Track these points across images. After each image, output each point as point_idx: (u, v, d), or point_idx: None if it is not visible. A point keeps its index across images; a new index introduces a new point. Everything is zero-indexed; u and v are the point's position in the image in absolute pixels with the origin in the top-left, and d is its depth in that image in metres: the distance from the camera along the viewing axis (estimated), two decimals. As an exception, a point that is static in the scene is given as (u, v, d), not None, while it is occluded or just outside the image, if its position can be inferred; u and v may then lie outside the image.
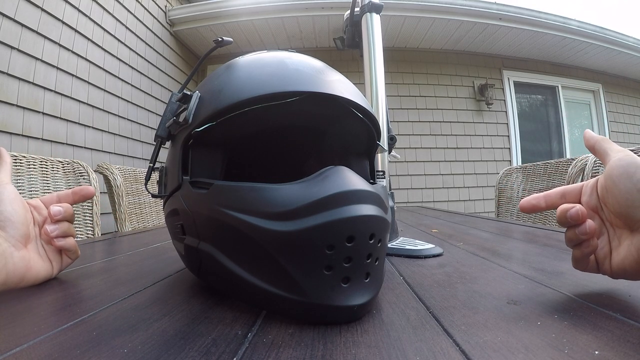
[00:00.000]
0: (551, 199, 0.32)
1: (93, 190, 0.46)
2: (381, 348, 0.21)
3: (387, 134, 0.62)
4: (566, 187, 0.33)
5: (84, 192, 0.45)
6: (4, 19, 1.45)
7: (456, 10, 2.85)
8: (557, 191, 0.33)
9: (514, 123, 3.52)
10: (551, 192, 0.33)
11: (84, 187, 0.45)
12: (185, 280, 0.39)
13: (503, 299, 0.30)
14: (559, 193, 0.32)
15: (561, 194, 0.32)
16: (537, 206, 0.32)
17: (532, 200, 0.33)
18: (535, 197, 0.33)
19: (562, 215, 0.29)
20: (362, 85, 0.64)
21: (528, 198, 0.33)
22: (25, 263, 0.36)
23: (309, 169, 0.42)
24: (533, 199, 0.33)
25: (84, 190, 0.45)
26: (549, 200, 0.32)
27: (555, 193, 0.32)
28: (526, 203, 0.33)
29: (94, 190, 0.46)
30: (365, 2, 0.67)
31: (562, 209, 0.29)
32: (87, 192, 0.45)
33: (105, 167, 1.22)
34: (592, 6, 21.36)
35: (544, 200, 0.32)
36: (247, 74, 0.30)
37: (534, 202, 0.32)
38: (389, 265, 0.47)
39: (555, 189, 0.33)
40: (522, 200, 0.33)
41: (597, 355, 0.19)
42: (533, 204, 0.33)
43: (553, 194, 0.32)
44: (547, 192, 0.33)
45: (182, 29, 2.92)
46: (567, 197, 0.32)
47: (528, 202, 0.33)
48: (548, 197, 0.32)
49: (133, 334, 0.24)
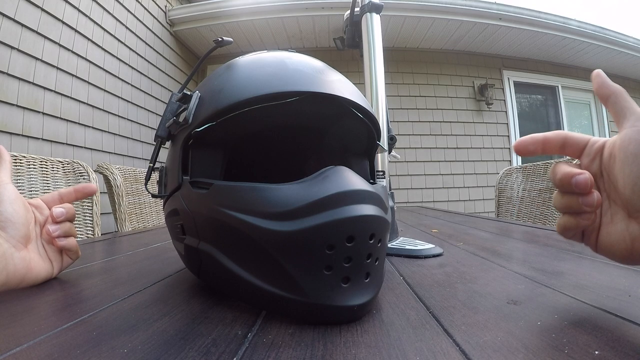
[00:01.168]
0: (550, 145, 0.28)
1: (95, 188, 0.46)
2: (381, 348, 0.21)
3: (387, 134, 0.62)
4: (568, 136, 0.27)
5: (87, 190, 0.45)
6: (4, 19, 1.45)
7: (456, 10, 2.85)
8: (558, 137, 0.27)
9: (514, 123, 3.52)
10: (551, 136, 0.28)
11: (86, 185, 0.45)
12: (185, 280, 0.39)
13: (503, 299, 0.30)
14: (559, 139, 0.27)
15: (562, 143, 0.27)
16: (534, 152, 0.28)
17: (528, 144, 0.28)
18: (533, 141, 0.28)
19: (566, 179, 0.25)
20: (362, 85, 0.64)
21: (524, 139, 0.28)
22: (26, 264, 0.36)
23: (309, 169, 0.42)
24: (530, 143, 0.28)
25: (87, 188, 0.45)
26: (548, 147, 0.28)
27: (556, 138, 0.27)
28: (522, 147, 0.28)
29: (96, 188, 0.46)
30: (365, 2, 0.67)
31: (568, 172, 0.25)
32: (90, 189, 0.45)
33: (105, 167, 1.22)
34: (592, 6, 21.37)
35: (542, 145, 0.28)
36: (247, 74, 0.30)
37: (531, 148, 0.28)
38: (389, 265, 0.47)
39: (557, 132, 0.28)
40: (517, 141, 0.28)
41: (597, 355, 0.19)
42: (530, 149, 0.28)
43: (553, 139, 0.28)
44: (546, 136, 0.28)
45: (182, 29, 2.92)
46: (568, 148, 0.27)
47: (524, 147, 0.28)
48: (547, 142, 0.28)
49: (133, 334, 0.24)
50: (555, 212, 1.22)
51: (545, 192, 1.28)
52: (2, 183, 0.38)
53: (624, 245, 0.24)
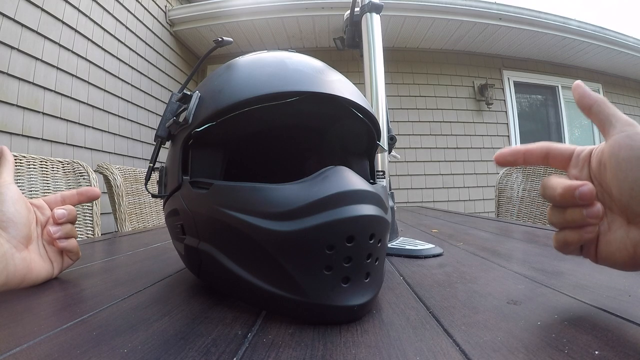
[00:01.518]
0: (532, 157, 0.27)
1: (98, 192, 0.45)
2: (381, 348, 0.21)
3: (387, 134, 0.62)
4: (552, 147, 0.27)
5: (90, 194, 0.44)
6: (4, 19, 1.45)
7: (456, 10, 2.85)
8: (541, 149, 0.27)
9: (514, 123, 3.52)
10: (533, 147, 0.27)
11: (90, 188, 0.45)
12: (185, 280, 0.39)
13: (503, 299, 0.30)
14: (542, 151, 0.27)
15: (544, 154, 0.27)
16: (514, 163, 0.28)
17: (508, 155, 0.27)
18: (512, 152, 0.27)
19: (569, 193, 0.23)
20: (362, 85, 0.64)
21: (504, 151, 0.28)
22: (26, 264, 0.36)
23: (309, 169, 0.42)
24: (509, 154, 0.27)
25: (90, 192, 0.45)
26: (529, 158, 0.27)
27: (539, 150, 0.27)
28: (502, 158, 0.28)
29: (99, 192, 0.46)
30: (365, 2, 0.67)
31: (570, 185, 0.23)
32: (93, 193, 0.45)
33: (105, 167, 1.22)
34: (592, 6, 21.38)
35: (524, 156, 0.27)
36: (247, 74, 0.30)
37: (510, 159, 0.27)
38: (389, 265, 0.47)
39: (540, 143, 0.27)
40: (497, 153, 0.28)
41: (597, 355, 0.19)
42: (509, 160, 0.28)
43: (536, 151, 0.27)
44: (528, 147, 0.27)
45: (182, 29, 2.92)
46: (552, 160, 0.27)
47: (504, 158, 0.28)
48: (529, 153, 0.27)
49: (133, 334, 0.24)
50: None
51: (545, 192, 1.28)
52: (4, 183, 0.37)
53: (625, 252, 0.23)
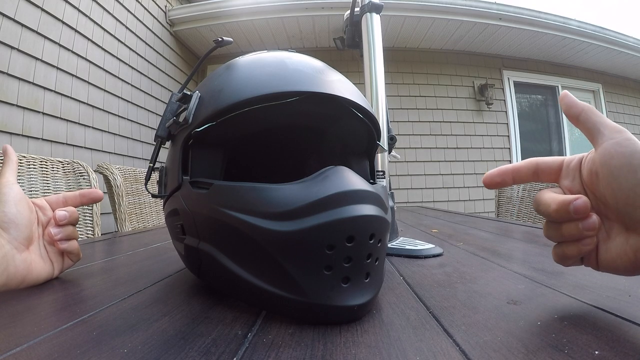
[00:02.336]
0: (521, 175, 0.27)
1: (101, 194, 0.45)
2: (381, 348, 0.21)
3: (387, 134, 0.62)
4: (539, 161, 0.27)
5: (92, 195, 0.44)
6: (4, 19, 1.45)
7: (456, 10, 2.85)
8: (529, 165, 0.27)
9: (514, 123, 3.52)
10: (521, 165, 0.27)
11: (93, 190, 0.45)
12: (185, 280, 0.39)
13: (503, 299, 0.30)
14: (530, 168, 0.27)
15: (533, 170, 0.27)
16: (503, 183, 0.28)
17: (495, 177, 0.27)
18: (501, 173, 0.27)
19: (563, 207, 0.23)
20: (362, 85, 0.64)
21: (491, 173, 0.28)
22: (27, 265, 0.36)
23: (309, 169, 0.42)
24: (497, 176, 0.27)
25: (93, 194, 0.44)
26: (518, 177, 0.27)
27: (527, 167, 0.27)
28: (489, 180, 0.28)
29: (102, 194, 0.45)
30: (365, 2, 0.67)
31: (563, 200, 0.24)
32: (95, 195, 0.44)
33: (105, 167, 1.22)
34: (592, 6, 21.39)
35: (512, 176, 0.27)
36: (247, 74, 0.30)
37: (497, 180, 0.27)
38: (389, 265, 0.47)
39: (527, 161, 0.27)
40: (485, 175, 0.28)
41: (597, 355, 0.19)
42: (497, 181, 0.27)
43: (524, 168, 0.27)
44: (515, 166, 0.27)
45: (182, 29, 2.92)
46: (541, 174, 0.27)
47: (491, 179, 0.27)
48: (517, 172, 0.27)
49: (133, 334, 0.24)
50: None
51: (545, 192, 1.28)
52: (7, 183, 0.37)
53: (626, 258, 0.23)
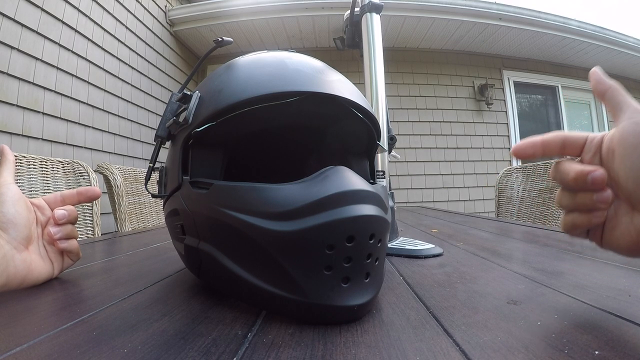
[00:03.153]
0: (550, 147, 0.27)
1: (99, 192, 0.45)
2: (381, 348, 0.21)
3: (387, 134, 0.62)
4: (567, 136, 0.27)
5: (90, 193, 0.44)
6: (4, 19, 1.45)
7: (456, 10, 2.85)
8: (557, 138, 0.27)
9: (514, 123, 3.52)
10: (550, 138, 0.27)
11: (90, 188, 0.44)
12: (185, 280, 0.39)
13: (503, 299, 0.30)
14: (559, 141, 0.27)
15: (561, 144, 0.27)
16: (533, 155, 0.28)
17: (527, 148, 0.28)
18: (532, 144, 0.28)
19: (582, 177, 0.24)
20: (362, 85, 0.64)
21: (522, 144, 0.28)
22: (27, 265, 0.36)
23: (309, 169, 0.42)
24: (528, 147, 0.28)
25: (90, 192, 0.44)
26: (548, 149, 0.27)
27: (556, 140, 0.27)
28: (520, 151, 0.28)
29: (99, 192, 0.45)
30: (365, 2, 0.67)
31: (582, 170, 0.24)
32: (93, 193, 0.44)
33: (105, 167, 1.22)
34: (592, 6, 21.39)
35: (542, 148, 0.27)
36: (247, 74, 0.30)
37: (529, 151, 0.28)
38: (389, 265, 0.47)
39: (555, 133, 0.28)
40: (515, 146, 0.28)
41: (597, 355, 0.19)
42: (528, 152, 0.28)
43: (553, 141, 0.27)
44: (545, 138, 0.27)
45: (182, 29, 2.92)
46: (568, 148, 0.27)
47: (523, 150, 0.28)
48: (547, 144, 0.27)
49: (133, 334, 0.24)
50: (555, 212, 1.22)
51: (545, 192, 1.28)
52: (5, 183, 0.37)
53: (629, 238, 0.24)
